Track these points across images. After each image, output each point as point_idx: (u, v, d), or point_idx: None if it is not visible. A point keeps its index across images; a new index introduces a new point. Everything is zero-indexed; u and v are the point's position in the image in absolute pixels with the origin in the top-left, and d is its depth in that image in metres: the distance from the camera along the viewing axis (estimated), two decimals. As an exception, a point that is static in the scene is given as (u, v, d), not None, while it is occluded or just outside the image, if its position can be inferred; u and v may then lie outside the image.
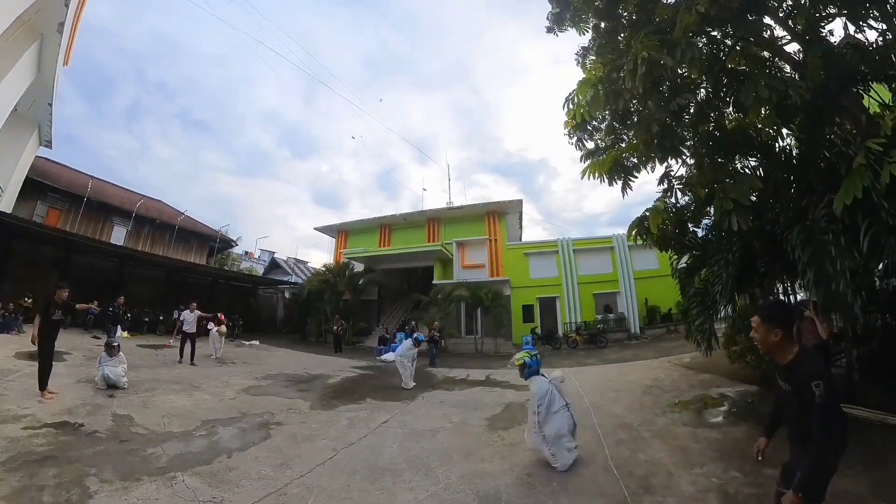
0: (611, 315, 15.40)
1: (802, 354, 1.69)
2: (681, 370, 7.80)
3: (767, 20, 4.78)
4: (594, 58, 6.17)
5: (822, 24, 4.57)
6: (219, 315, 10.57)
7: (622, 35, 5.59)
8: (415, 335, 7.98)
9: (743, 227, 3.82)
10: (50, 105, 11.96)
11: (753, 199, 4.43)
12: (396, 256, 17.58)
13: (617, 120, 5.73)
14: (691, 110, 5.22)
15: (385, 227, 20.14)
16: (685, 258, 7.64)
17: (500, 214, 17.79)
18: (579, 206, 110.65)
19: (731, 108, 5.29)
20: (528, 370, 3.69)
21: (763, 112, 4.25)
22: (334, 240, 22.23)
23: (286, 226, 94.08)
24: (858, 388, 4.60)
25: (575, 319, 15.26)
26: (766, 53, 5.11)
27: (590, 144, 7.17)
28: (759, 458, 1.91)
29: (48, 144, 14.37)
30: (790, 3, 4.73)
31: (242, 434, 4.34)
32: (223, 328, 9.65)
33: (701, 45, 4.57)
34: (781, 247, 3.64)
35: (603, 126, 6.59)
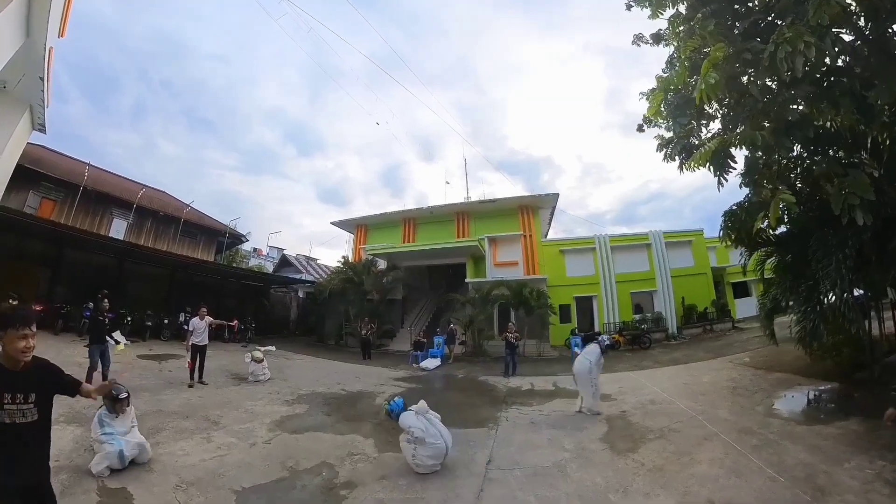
0: (648, 315, 15.31)
1: None
2: (749, 370, 7.91)
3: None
4: (700, 38, 5.99)
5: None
6: (232, 323, 9.83)
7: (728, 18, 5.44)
8: (600, 339, 6.48)
9: (868, 221, 3.98)
10: (42, 80, 10.71)
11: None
12: (425, 253, 17.17)
13: (729, 106, 5.55)
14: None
15: (409, 221, 19.78)
16: (757, 254, 7.70)
17: (534, 209, 17.46)
18: (584, 204, 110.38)
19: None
20: (394, 413, 4.40)
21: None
22: (352, 235, 21.89)
23: (292, 223, 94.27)
24: None
25: (613, 319, 15.09)
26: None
27: (667, 134, 7.13)
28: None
29: (41, 128, 12.96)
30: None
31: None
32: (258, 354, 8.49)
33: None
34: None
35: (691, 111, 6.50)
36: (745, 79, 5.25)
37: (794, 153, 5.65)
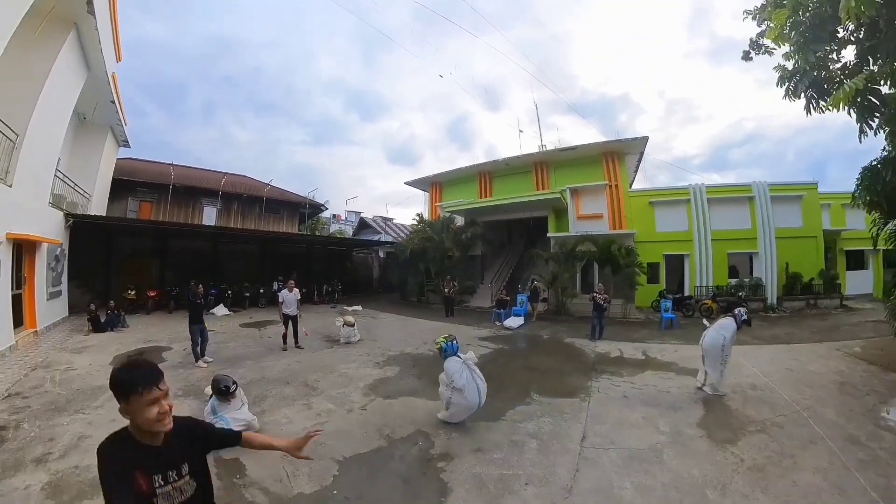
0: (746, 280, 14.13)
1: None
2: (860, 363, 7.14)
3: None
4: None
5: None
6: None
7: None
8: (738, 312, 6.00)
9: None
10: (113, 103, 12.75)
11: None
12: (503, 207, 17.15)
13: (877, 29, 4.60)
14: None
15: (484, 175, 19.72)
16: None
17: (620, 156, 16.23)
18: (667, 148, 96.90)
19: None
20: (446, 353, 4.84)
21: None
22: (427, 194, 22.58)
23: (364, 186, 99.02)
24: None
25: (706, 282, 14.26)
26: None
27: (786, 62, 6.25)
28: None
29: (126, 144, 16.09)
30: None
31: (405, 487, 3.40)
32: (350, 318, 9.31)
33: None
34: None
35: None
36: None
37: None
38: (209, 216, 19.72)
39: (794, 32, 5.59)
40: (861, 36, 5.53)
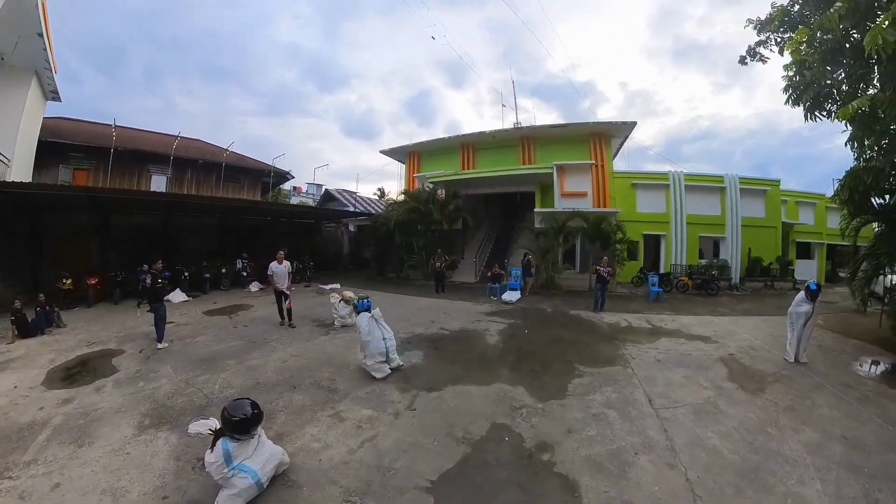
0: (715, 261, 16.27)
1: None
2: (827, 332, 8.62)
3: None
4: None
5: None
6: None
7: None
8: (808, 284, 6.70)
9: None
10: (41, 37, 10.24)
11: None
12: (490, 181, 17.68)
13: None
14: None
15: (468, 147, 19.90)
16: (856, 220, 8.38)
17: (607, 138, 17.40)
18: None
19: None
20: (358, 309, 5.83)
21: None
22: (403, 165, 22.47)
23: (319, 160, 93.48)
24: None
25: (680, 261, 16.18)
26: None
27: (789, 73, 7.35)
28: None
29: (55, 96, 12.97)
30: None
31: (527, 496, 3.13)
32: (347, 293, 8.47)
33: None
34: None
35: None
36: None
37: None
38: (158, 186, 17.61)
39: (813, 51, 6.53)
40: (853, 62, 6.63)
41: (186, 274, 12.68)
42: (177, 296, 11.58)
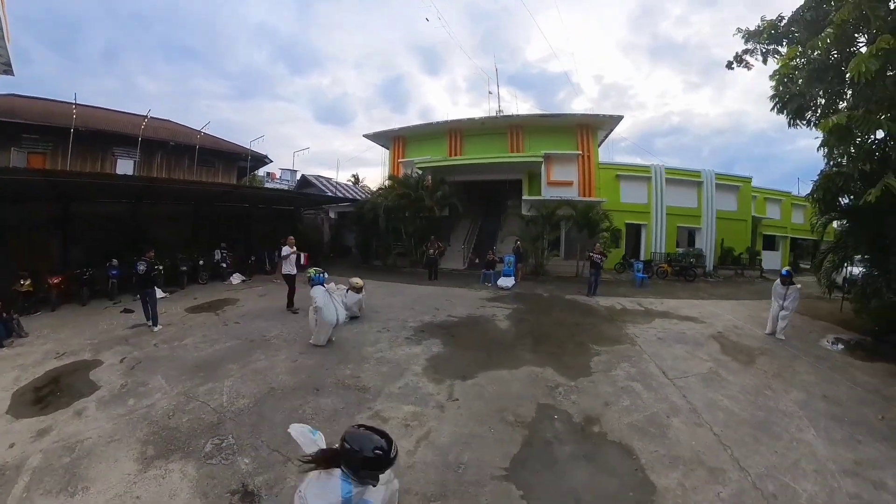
0: (691, 249, 17.73)
1: None
2: (796, 315, 9.17)
3: None
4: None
5: None
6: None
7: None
8: (782, 271, 8.12)
9: None
10: None
11: None
12: (479, 168, 18.05)
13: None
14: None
15: (455, 133, 20.17)
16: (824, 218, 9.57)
17: (593, 129, 18.27)
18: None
19: None
20: (313, 282, 6.46)
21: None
22: (387, 150, 22.53)
23: (292, 146, 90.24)
24: None
25: (659, 249, 17.47)
26: None
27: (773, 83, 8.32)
28: None
29: (7, 69, 10.67)
30: None
31: (595, 466, 3.52)
32: (357, 280, 8.39)
33: None
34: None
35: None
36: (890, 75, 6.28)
37: None
38: (124, 171, 16.32)
39: (801, 68, 7.42)
40: (833, 81, 7.57)
41: (160, 267, 11.15)
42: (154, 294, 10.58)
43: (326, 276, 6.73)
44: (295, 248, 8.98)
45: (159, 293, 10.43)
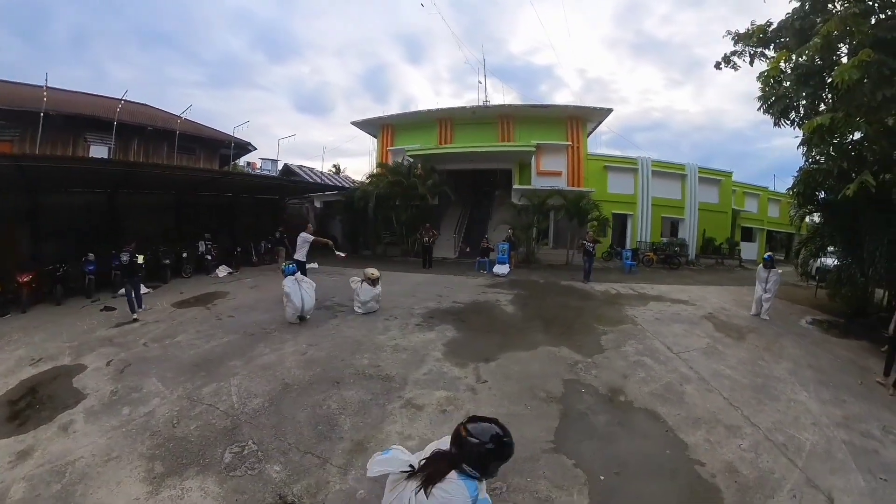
0: (675, 239, 18.72)
1: None
2: (776, 300, 9.86)
3: None
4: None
5: None
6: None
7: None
8: (765, 256, 9.08)
9: None
10: None
11: None
12: (470, 156, 18.34)
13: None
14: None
15: (445, 122, 20.34)
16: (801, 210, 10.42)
17: (583, 121, 18.89)
18: None
19: None
20: (286, 273, 7.24)
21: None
22: (375, 138, 22.60)
23: (270, 135, 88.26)
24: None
25: (645, 238, 18.37)
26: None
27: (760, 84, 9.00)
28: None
29: None
30: None
31: (628, 429, 3.94)
32: (371, 271, 8.03)
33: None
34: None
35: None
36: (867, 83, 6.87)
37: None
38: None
39: (789, 73, 8.05)
40: (817, 85, 8.25)
41: (141, 257, 10.43)
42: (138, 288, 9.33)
43: (295, 267, 7.53)
44: (313, 236, 9.43)
45: (142, 288, 9.78)
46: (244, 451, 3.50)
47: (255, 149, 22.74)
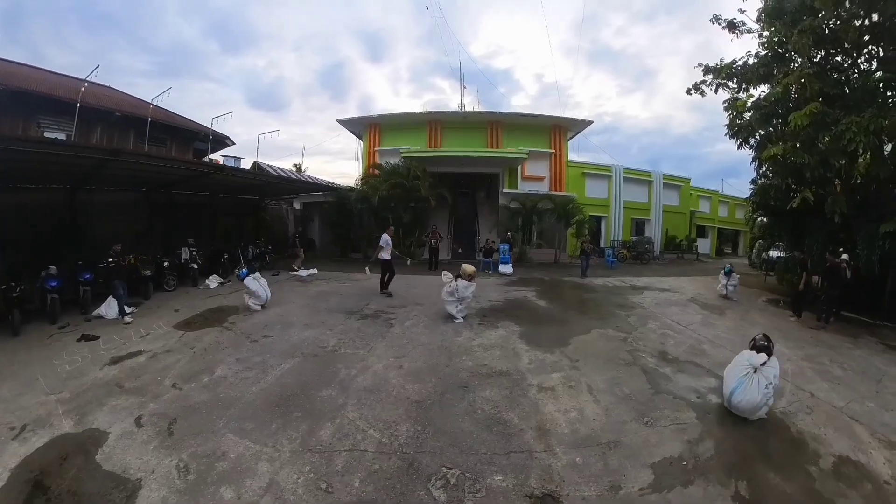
0: (644, 237, 21.83)
1: None
2: None
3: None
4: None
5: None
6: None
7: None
8: (724, 268, 11.66)
9: (838, 219, 9.11)
10: None
11: None
12: (461, 160, 19.74)
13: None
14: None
15: (435, 125, 21.83)
16: (755, 215, 13.41)
17: (565, 130, 21.40)
18: None
19: None
20: (240, 276, 9.29)
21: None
22: (359, 137, 23.71)
23: (223, 131, 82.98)
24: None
25: (617, 237, 21.28)
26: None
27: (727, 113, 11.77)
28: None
29: None
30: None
31: (660, 385, 4.99)
32: (468, 267, 8.07)
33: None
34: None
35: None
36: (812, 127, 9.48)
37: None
38: None
39: (756, 111, 10.72)
40: (775, 123, 11.00)
41: (129, 258, 9.35)
42: (111, 308, 7.98)
43: (248, 271, 9.11)
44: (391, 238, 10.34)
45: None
46: (449, 479, 3.25)
47: (234, 143, 22.22)
